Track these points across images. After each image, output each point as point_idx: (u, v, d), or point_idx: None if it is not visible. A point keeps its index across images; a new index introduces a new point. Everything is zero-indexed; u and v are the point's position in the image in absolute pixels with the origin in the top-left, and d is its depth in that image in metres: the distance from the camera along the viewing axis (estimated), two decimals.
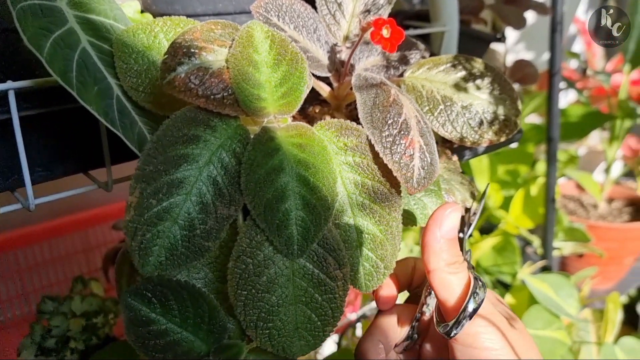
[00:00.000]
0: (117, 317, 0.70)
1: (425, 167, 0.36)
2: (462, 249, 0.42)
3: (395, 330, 0.41)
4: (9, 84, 0.37)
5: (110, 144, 0.43)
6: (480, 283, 0.35)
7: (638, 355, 0.90)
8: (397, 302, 0.42)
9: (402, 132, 0.36)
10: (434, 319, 0.38)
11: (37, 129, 0.41)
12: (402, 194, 0.37)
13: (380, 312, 0.42)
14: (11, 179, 0.42)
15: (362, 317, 0.89)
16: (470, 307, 0.34)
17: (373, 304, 0.89)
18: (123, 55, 0.37)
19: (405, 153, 0.36)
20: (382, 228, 0.36)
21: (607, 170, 1.43)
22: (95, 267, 0.98)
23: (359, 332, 0.95)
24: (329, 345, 0.94)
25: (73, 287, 0.71)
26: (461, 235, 0.43)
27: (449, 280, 0.35)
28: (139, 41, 0.37)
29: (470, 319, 0.34)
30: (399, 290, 0.42)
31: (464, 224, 0.44)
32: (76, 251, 0.96)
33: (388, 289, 0.41)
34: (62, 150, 0.44)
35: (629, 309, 1.65)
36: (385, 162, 0.36)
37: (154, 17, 0.49)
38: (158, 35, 0.38)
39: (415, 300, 0.42)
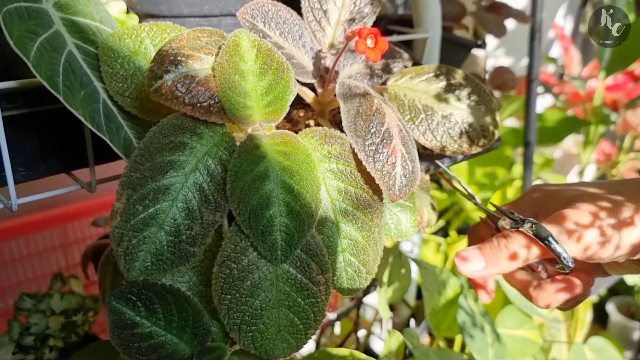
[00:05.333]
0: (96, 314, 0.70)
1: (407, 175, 0.37)
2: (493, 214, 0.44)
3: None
4: None
5: (93, 144, 0.43)
6: (539, 227, 0.38)
7: (606, 355, 0.93)
8: None
9: (385, 141, 0.37)
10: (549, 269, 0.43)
11: (19, 128, 0.41)
12: (383, 201, 0.38)
13: None
14: None
15: (341, 316, 0.90)
16: (559, 249, 0.38)
17: (351, 304, 0.90)
18: (109, 59, 0.37)
19: (387, 161, 0.37)
20: (365, 234, 0.37)
21: (581, 174, 1.47)
22: (73, 263, 0.97)
23: (337, 330, 0.97)
24: (308, 344, 0.95)
25: (52, 284, 0.71)
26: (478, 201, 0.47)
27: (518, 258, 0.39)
28: (125, 46, 0.37)
29: (567, 253, 0.38)
30: None
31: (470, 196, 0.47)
32: (54, 247, 0.96)
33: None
34: (44, 150, 0.44)
35: (599, 307, 1.70)
36: (368, 170, 0.37)
37: (140, 17, 0.49)
38: (144, 41, 0.38)
39: None
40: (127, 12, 0.49)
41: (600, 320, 1.71)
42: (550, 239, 0.38)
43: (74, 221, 0.97)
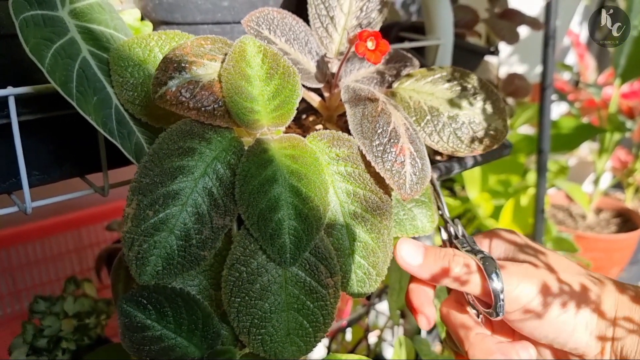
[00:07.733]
0: (109, 318, 0.71)
1: (417, 173, 0.37)
2: (448, 228, 0.43)
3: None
4: (10, 90, 0.37)
5: (106, 149, 0.43)
6: (489, 261, 0.37)
7: None
8: None
9: (392, 140, 0.38)
10: (479, 309, 0.40)
11: (35, 133, 0.42)
12: (392, 203, 0.38)
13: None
14: (8, 182, 0.43)
15: (352, 322, 0.90)
16: (498, 287, 0.36)
17: (362, 310, 0.90)
18: (119, 68, 0.37)
19: (396, 160, 0.37)
20: (374, 236, 0.37)
21: (596, 182, 1.45)
22: (88, 267, 0.99)
23: (348, 336, 0.96)
24: (319, 349, 0.95)
25: (66, 287, 0.72)
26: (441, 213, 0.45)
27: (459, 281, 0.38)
28: (134, 55, 0.38)
29: (504, 295, 0.36)
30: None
31: (439, 208, 0.45)
32: (68, 250, 0.97)
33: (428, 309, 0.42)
34: (59, 155, 0.44)
35: None
36: (377, 170, 0.37)
37: (154, 25, 0.50)
38: (153, 49, 0.39)
39: None
40: (142, 19, 0.50)
41: None
42: (494, 275, 0.37)
43: (88, 225, 0.98)
